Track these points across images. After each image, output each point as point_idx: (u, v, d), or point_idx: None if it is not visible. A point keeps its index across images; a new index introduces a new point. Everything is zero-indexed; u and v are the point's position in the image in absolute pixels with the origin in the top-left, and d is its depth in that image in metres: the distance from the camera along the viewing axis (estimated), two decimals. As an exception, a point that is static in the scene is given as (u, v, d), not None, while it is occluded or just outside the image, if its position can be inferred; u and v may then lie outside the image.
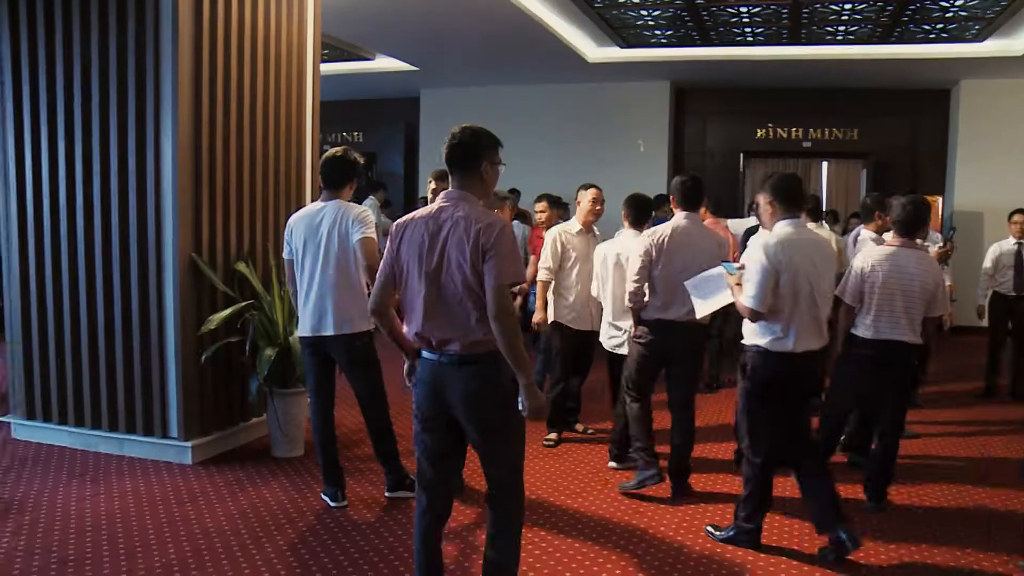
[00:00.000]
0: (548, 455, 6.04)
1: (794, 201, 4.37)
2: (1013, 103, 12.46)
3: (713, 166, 13.98)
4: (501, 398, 3.27)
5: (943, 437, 6.75)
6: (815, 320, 4.31)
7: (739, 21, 10.13)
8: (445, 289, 3.24)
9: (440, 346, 3.28)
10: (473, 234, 3.16)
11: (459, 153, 3.37)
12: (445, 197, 3.33)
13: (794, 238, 4.27)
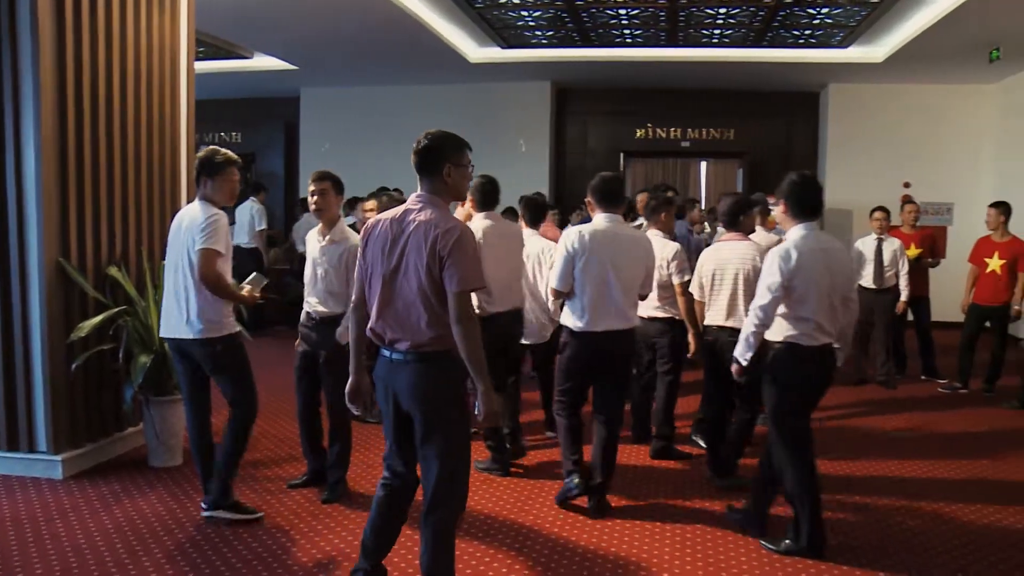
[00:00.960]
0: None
1: (611, 199, 4.93)
2: (877, 106, 13.05)
3: (594, 166, 14.09)
4: (447, 398, 3.39)
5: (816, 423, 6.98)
6: (618, 304, 4.80)
7: (618, 23, 10.29)
8: (400, 290, 3.36)
9: (391, 344, 3.41)
10: (431, 239, 3.27)
11: (423, 158, 3.43)
12: (414, 200, 3.44)
13: (605, 231, 4.83)
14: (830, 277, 4.32)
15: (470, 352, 3.27)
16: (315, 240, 5.19)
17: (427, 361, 3.36)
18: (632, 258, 4.93)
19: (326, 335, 5.03)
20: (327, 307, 5.08)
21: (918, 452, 6.36)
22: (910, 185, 12.89)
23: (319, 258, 5.12)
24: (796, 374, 4.33)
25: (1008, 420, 7.41)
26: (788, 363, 4.32)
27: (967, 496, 5.36)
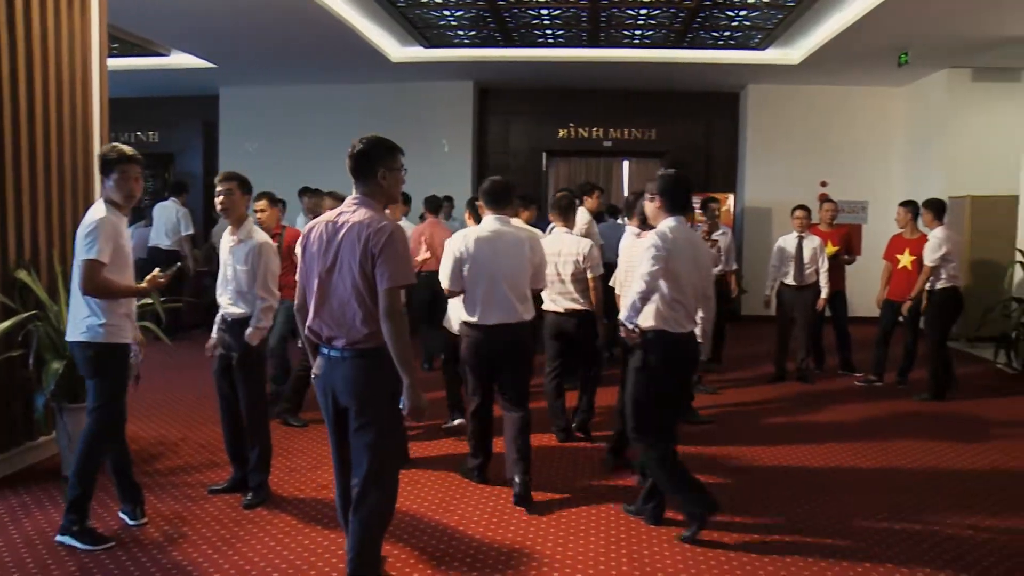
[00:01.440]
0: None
1: (499, 201, 5.24)
2: (794, 107, 13.34)
3: (516, 166, 14.18)
4: (380, 393, 3.51)
5: (736, 418, 7.14)
6: (505, 299, 5.09)
7: (540, 23, 10.32)
8: (335, 288, 3.50)
9: (328, 341, 3.56)
10: (363, 238, 3.42)
11: (357, 163, 3.56)
12: (349, 202, 3.58)
13: (491, 232, 5.16)
14: (696, 271, 4.65)
15: (397, 347, 3.41)
16: (226, 241, 5.13)
17: (363, 357, 3.49)
18: (517, 256, 5.18)
19: (238, 336, 4.97)
20: (238, 307, 5.02)
21: (834, 442, 6.53)
22: (827, 184, 13.21)
23: (228, 258, 5.07)
24: (662, 359, 4.56)
25: (921, 411, 7.65)
26: (656, 348, 4.55)
27: (879, 482, 5.53)
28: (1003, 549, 4.48)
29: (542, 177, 14.07)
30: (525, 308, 5.21)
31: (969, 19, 8.98)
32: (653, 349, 4.57)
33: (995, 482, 5.70)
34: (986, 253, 10.98)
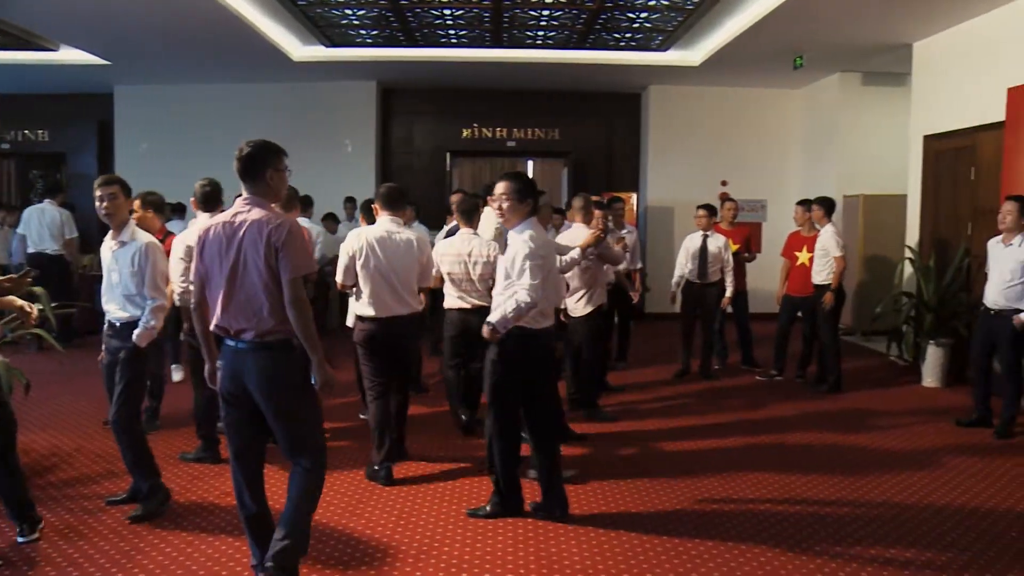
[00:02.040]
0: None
1: (393, 205, 5.70)
2: (695, 108, 13.59)
3: (420, 166, 14.13)
4: (293, 380, 3.76)
5: (641, 414, 7.24)
6: (397, 293, 5.56)
7: (443, 23, 10.28)
8: (242, 284, 3.69)
9: (237, 335, 3.73)
10: (266, 234, 3.65)
11: (246, 165, 3.75)
12: (241, 203, 3.77)
13: (383, 232, 5.59)
14: (555, 269, 5.00)
15: (304, 328, 3.68)
16: (107, 247, 4.97)
17: (272, 348, 3.72)
18: (407, 255, 5.64)
19: (125, 338, 4.82)
20: (126, 312, 4.87)
21: (737, 436, 6.67)
22: (727, 183, 13.50)
23: (112, 263, 4.92)
24: (524, 354, 4.74)
25: (818, 403, 7.87)
26: (518, 344, 4.69)
27: (779, 470, 5.67)
28: (891, 524, 4.67)
29: (446, 177, 14.03)
30: (415, 301, 5.72)
31: (858, 26, 9.29)
32: (513, 344, 4.69)
33: (888, 466, 5.93)
34: (878, 250, 11.36)
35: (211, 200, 6.02)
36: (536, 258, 4.58)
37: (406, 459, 5.94)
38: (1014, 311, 6.54)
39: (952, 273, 8.57)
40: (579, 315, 6.99)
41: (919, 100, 9.94)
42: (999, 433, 6.73)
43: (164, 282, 4.97)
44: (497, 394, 4.79)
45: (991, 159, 8.36)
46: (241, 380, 3.75)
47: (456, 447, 6.35)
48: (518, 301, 4.52)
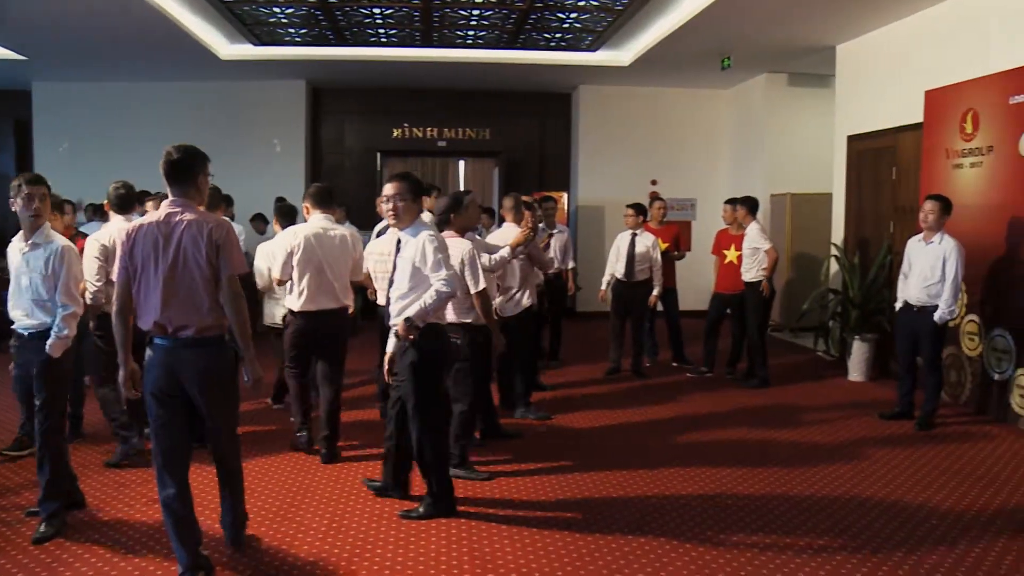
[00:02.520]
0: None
1: (323, 203, 6.00)
2: (625, 108, 13.71)
3: (351, 166, 14.01)
4: (228, 374, 4.01)
5: (573, 413, 7.27)
6: (330, 287, 5.86)
7: (373, 22, 10.20)
8: (182, 281, 3.84)
9: (176, 331, 3.86)
10: (206, 233, 3.83)
11: (180, 169, 3.91)
12: (171, 204, 3.90)
13: (317, 230, 5.88)
14: None
15: (241, 325, 3.92)
16: (16, 248, 4.76)
17: (209, 344, 3.91)
18: (340, 251, 5.96)
19: (37, 350, 4.59)
20: (35, 319, 4.67)
21: (668, 432, 6.74)
22: (657, 182, 13.63)
23: (22, 266, 4.68)
24: (441, 350, 4.88)
25: (748, 398, 8.01)
26: (433, 340, 4.78)
27: (709, 465, 5.75)
28: (820, 515, 4.77)
29: (377, 177, 13.91)
30: (346, 296, 6.04)
31: (784, 28, 9.46)
32: (427, 342, 4.74)
33: (816, 459, 6.05)
34: (805, 247, 11.58)
35: (126, 202, 5.92)
36: (443, 251, 4.69)
37: (339, 461, 5.93)
38: (935, 307, 6.72)
39: (876, 270, 8.77)
40: (511, 315, 6.99)
41: (842, 101, 10.16)
42: (921, 425, 6.91)
43: (78, 289, 4.77)
44: (423, 395, 4.76)
45: (911, 159, 8.58)
46: (177, 377, 3.87)
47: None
48: (438, 291, 4.59)
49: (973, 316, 7.43)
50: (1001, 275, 7.07)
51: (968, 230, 7.20)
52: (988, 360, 7.24)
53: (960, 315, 7.40)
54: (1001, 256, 7.08)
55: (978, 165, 7.40)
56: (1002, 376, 7.08)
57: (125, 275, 3.90)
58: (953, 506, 5.13)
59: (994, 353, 7.16)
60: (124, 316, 3.93)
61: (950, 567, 4.22)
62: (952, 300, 6.71)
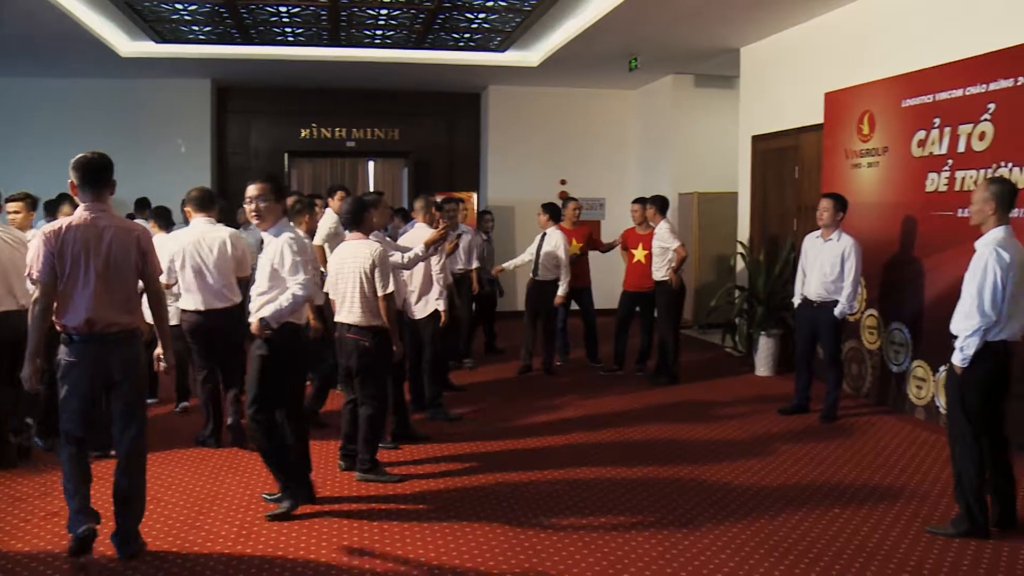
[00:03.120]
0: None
1: (205, 206, 6.27)
2: (534, 108, 13.78)
3: (258, 166, 13.75)
4: (143, 365, 4.39)
5: (486, 412, 7.28)
6: (212, 289, 6.07)
7: (279, 21, 10.02)
8: (115, 281, 4.14)
9: (105, 328, 4.12)
10: (134, 238, 4.21)
11: (98, 175, 4.14)
12: (92, 208, 4.12)
13: (199, 231, 6.15)
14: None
15: (162, 321, 4.44)
16: None
17: (133, 337, 4.27)
18: (219, 253, 6.11)
19: None
20: None
21: (579, 430, 6.81)
22: (566, 182, 13.74)
23: None
24: (293, 347, 4.93)
25: (658, 395, 8.13)
26: (288, 338, 4.84)
27: (619, 461, 5.83)
28: (731, 507, 4.88)
29: (285, 178, 13.72)
30: (232, 293, 6.18)
31: (690, 30, 9.62)
32: (281, 338, 4.80)
33: (726, 453, 6.18)
34: (712, 246, 11.81)
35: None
36: (302, 254, 4.76)
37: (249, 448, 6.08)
38: (835, 303, 6.93)
39: (780, 267, 8.99)
40: (420, 316, 6.99)
41: (747, 102, 10.39)
42: (824, 417, 7.11)
43: None
44: (264, 388, 4.85)
45: (812, 159, 8.82)
46: (107, 370, 4.17)
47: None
48: (294, 295, 4.68)
49: (872, 311, 7.67)
50: (897, 271, 7.31)
51: (866, 227, 7.44)
52: (887, 353, 7.49)
53: (860, 310, 7.64)
54: (897, 253, 7.33)
55: (875, 165, 7.65)
56: (900, 368, 7.33)
57: (51, 274, 4.05)
58: (856, 493, 5.31)
59: (892, 346, 7.42)
60: (47, 315, 4.11)
61: (855, 550, 4.38)
62: (852, 296, 6.94)
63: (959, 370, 4.53)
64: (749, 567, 4.23)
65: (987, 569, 4.20)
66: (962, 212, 6.32)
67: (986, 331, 4.45)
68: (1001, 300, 4.41)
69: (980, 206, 4.62)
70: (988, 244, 4.50)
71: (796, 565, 4.25)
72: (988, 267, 4.42)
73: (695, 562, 4.29)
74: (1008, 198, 4.57)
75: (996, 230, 4.54)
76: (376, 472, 5.58)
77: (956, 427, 4.63)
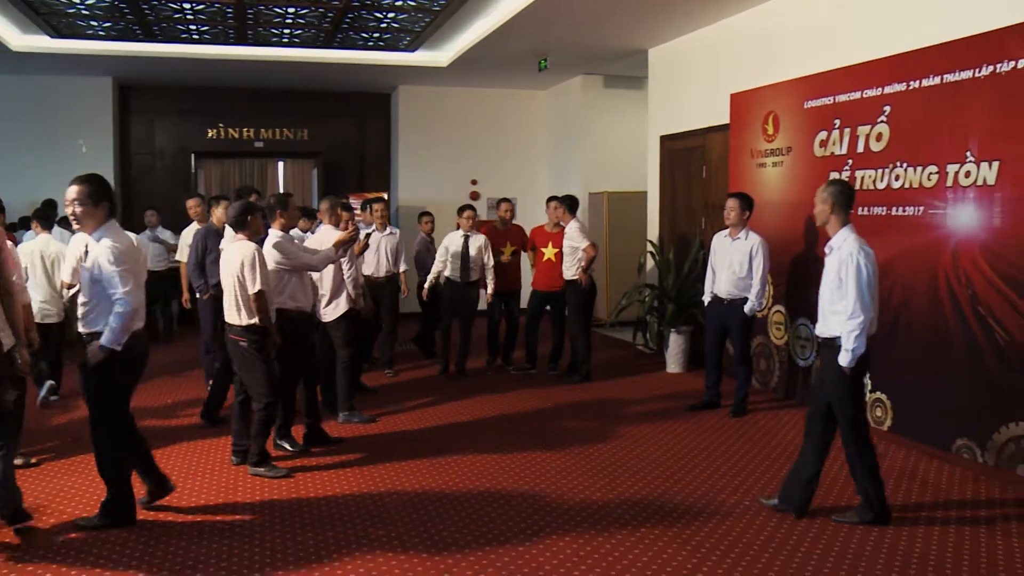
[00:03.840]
0: None
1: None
2: (444, 108, 13.77)
3: (163, 167, 13.45)
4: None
5: (401, 414, 7.25)
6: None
7: (183, 17, 9.76)
8: None
9: None
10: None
11: None
12: None
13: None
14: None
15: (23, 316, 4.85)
16: None
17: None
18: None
19: None
20: None
21: (493, 429, 6.84)
22: (477, 182, 13.75)
23: None
24: (128, 359, 4.66)
25: (571, 394, 8.19)
26: (129, 346, 4.61)
27: (533, 460, 5.85)
28: (642, 504, 4.94)
29: (191, 179, 13.41)
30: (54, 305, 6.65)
31: (598, 31, 9.70)
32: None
33: (638, 450, 6.26)
34: (623, 244, 11.93)
35: None
36: (122, 263, 4.51)
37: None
38: (744, 300, 7.08)
39: (689, 265, 9.13)
40: (330, 319, 6.92)
41: (655, 102, 10.54)
42: (735, 412, 7.26)
43: None
44: (98, 394, 4.68)
45: (720, 158, 8.98)
46: None
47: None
48: (117, 315, 4.48)
49: (779, 307, 7.85)
50: (802, 268, 7.48)
51: (772, 226, 7.61)
52: (793, 348, 7.68)
53: (767, 306, 7.81)
54: (802, 250, 7.51)
55: (779, 164, 7.83)
56: (806, 362, 7.52)
57: None
58: (766, 486, 5.42)
59: (798, 341, 7.61)
60: None
61: (764, 541, 4.47)
62: (761, 293, 7.09)
63: (847, 370, 4.64)
64: (663, 561, 4.28)
65: (887, 555, 4.35)
66: (862, 211, 6.53)
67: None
68: (870, 299, 4.59)
69: (820, 207, 4.81)
70: (851, 244, 4.64)
71: (708, 557, 4.32)
72: (861, 266, 4.56)
73: (608, 558, 4.33)
74: (845, 198, 4.75)
75: (845, 230, 4.72)
76: (265, 465, 5.71)
77: (847, 423, 4.74)
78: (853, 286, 4.56)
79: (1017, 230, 5.43)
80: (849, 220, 4.77)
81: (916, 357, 6.22)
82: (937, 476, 5.64)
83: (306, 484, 5.54)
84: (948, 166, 5.93)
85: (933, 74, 6.07)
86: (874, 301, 4.65)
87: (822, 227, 4.88)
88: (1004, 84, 5.52)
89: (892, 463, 5.89)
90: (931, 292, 6.07)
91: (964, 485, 5.46)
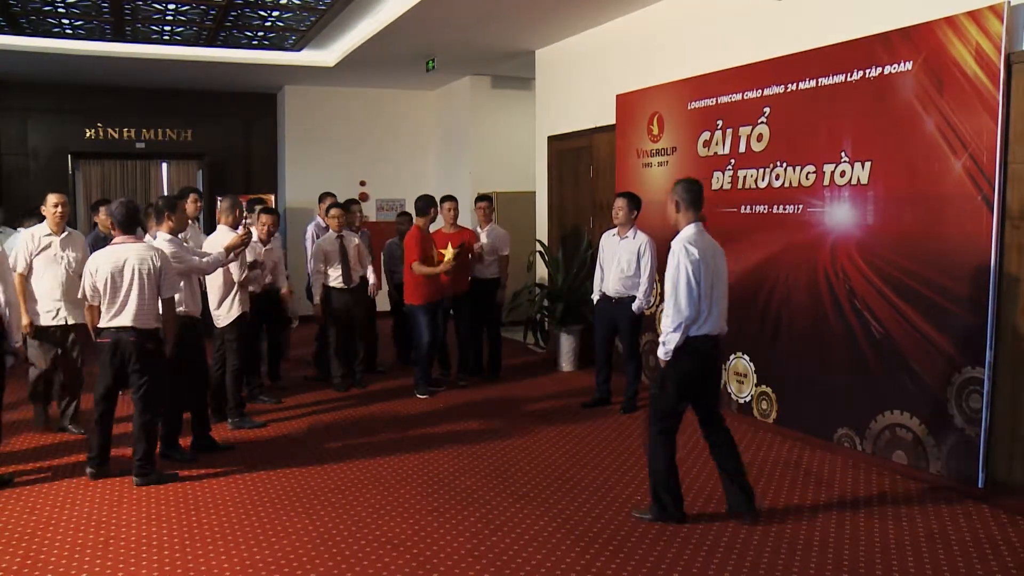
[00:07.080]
0: None
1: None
2: (332, 108, 13.60)
3: (37, 168, 12.89)
4: None
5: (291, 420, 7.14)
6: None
7: (54, 11, 9.32)
8: None
9: None
10: None
11: None
12: None
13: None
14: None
15: None
16: None
17: None
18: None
19: None
20: None
21: (386, 434, 6.79)
22: (366, 183, 13.65)
23: None
24: None
25: (464, 394, 8.18)
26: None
27: (429, 463, 5.85)
28: (535, 501, 4.99)
29: (69, 180, 12.89)
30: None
31: (485, 32, 9.73)
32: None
33: (528, 449, 6.32)
34: (513, 245, 11.95)
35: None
36: None
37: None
38: (633, 298, 7.19)
39: (578, 264, 9.24)
40: (222, 325, 6.77)
41: (542, 103, 10.63)
42: (625, 408, 7.39)
43: None
44: None
45: (606, 158, 9.11)
46: None
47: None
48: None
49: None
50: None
51: (658, 225, 7.70)
52: (680, 344, 7.83)
53: (655, 304, 7.96)
54: (688, 248, 7.66)
55: (664, 164, 7.99)
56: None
57: None
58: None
59: (685, 338, 7.76)
60: None
61: (656, 534, 4.55)
62: (649, 291, 7.22)
63: (663, 363, 4.74)
64: (556, 558, 4.33)
65: (774, 542, 4.48)
66: (745, 209, 6.73)
67: (687, 326, 4.64)
68: (697, 297, 4.62)
69: (669, 206, 4.89)
70: (679, 242, 4.72)
71: (600, 553, 4.38)
72: (680, 265, 4.64)
73: (503, 557, 4.36)
74: (692, 196, 4.83)
75: (687, 228, 4.80)
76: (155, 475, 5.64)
77: (652, 419, 4.86)
78: (670, 284, 4.64)
79: (889, 227, 5.68)
80: (698, 218, 4.82)
81: (798, 351, 6.44)
82: (820, 465, 5.85)
83: (194, 492, 5.41)
84: (825, 166, 6.16)
85: (809, 77, 6.30)
86: (707, 299, 4.65)
87: (673, 225, 4.90)
88: (873, 88, 5.77)
89: (778, 454, 6.10)
90: (812, 288, 6.29)
91: (845, 472, 5.69)
